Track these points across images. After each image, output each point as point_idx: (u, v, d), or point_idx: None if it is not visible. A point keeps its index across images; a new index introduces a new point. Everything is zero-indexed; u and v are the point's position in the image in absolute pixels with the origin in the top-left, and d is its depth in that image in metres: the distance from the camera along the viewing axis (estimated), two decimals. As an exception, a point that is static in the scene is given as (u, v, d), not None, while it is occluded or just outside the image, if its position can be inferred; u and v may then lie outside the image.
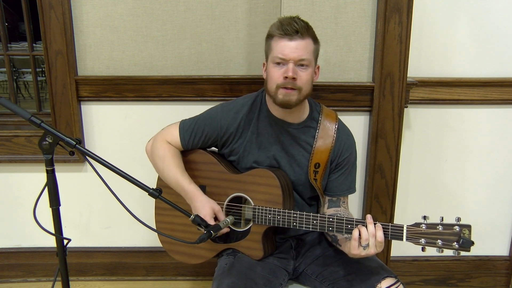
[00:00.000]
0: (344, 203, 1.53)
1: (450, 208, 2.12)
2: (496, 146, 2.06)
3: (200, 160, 1.55)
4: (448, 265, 2.20)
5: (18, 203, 2.15)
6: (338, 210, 1.50)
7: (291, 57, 1.33)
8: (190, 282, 2.24)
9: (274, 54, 1.36)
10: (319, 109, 1.52)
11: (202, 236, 1.25)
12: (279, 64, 1.35)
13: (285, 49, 1.33)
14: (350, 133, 1.54)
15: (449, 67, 1.96)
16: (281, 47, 1.34)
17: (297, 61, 1.34)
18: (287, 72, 1.33)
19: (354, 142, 1.54)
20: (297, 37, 1.33)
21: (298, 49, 1.33)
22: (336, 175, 1.50)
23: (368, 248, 1.23)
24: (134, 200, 1.72)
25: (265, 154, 1.49)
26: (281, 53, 1.34)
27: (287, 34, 1.33)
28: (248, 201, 1.45)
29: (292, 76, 1.33)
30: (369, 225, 1.23)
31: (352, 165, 1.53)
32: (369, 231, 1.22)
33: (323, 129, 1.48)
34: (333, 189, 1.51)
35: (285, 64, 1.34)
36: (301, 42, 1.33)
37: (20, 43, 5.96)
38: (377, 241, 1.22)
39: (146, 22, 1.89)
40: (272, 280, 1.41)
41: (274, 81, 1.37)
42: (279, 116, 1.47)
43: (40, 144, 1.20)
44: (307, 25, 1.36)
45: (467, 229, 1.15)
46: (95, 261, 2.22)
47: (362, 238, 1.23)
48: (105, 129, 2.04)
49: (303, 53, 1.34)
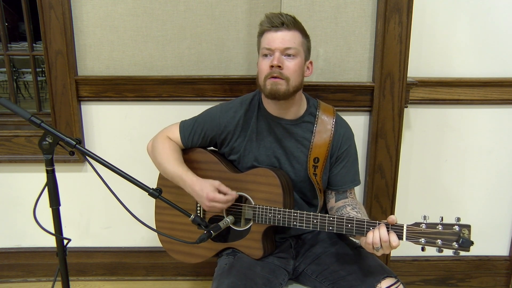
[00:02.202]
0: (351, 194, 1.53)
1: (450, 208, 2.12)
2: (496, 146, 2.06)
3: (201, 159, 1.55)
4: (448, 265, 2.20)
5: (18, 203, 2.15)
6: (346, 201, 1.49)
7: (276, 47, 1.35)
8: (190, 282, 2.24)
9: (261, 46, 1.40)
10: (317, 104, 1.52)
11: (202, 236, 1.25)
12: (266, 56, 1.38)
13: (271, 40, 1.36)
14: (348, 126, 1.54)
15: (449, 67, 1.96)
16: (267, 39, 1.38)
17: (283, 50, 1.35)
18: (272, 61, 1.35)
19: (353, 135, 1.54)
20: (283, 28, 1.36)
21: (284, 39, 1.35)
22: (338, 169, 1.50)
23: (381, 249, 1.22)
24: (134, 200, 1.71)
25: (265, 152, 1.49)
26: (267, 44, 1.37)
27: (273, 26, 1.36)
28: (249, 200, 1.46)
29: (277, 64, 1.34)
30: (381, 229, 1.21)
31: (353, 157, 1.53)
32: (382, 237, 1.20)
33: (321, 123, 1.48)
34: (337, 183, 1.51)
35: (272, 55, 1.36)
36: (287, 33, 1.36)
37: (20, 43, 5.96)
38: (392, 245, 1.20)
39: (146, 22, 1.89)
40: (272, 280, 1.41)
41: (262, 73, 1.39)
42: (275, 113, 1.47)
43: (40, 144, 1.20)
44: (294, 19, 1.39)
45: (467, 229, 1.15)
46: (95, 261, 2.22)
47: (375, 242, 1.21)
48: (105, 129, 2.04)
49: (289, 43, 1.35)
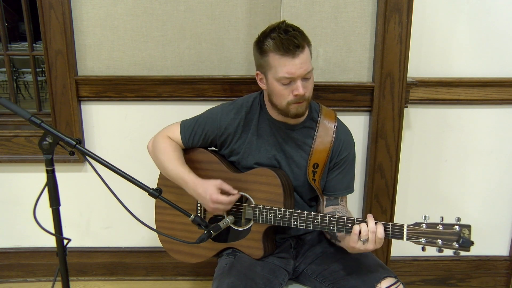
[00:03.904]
0: (343, 202, 1.53)
1: (450, 208, 2.12)
2: (496, 146, 2.06)
3: (201, 159, 1.55)
4: (448, 265, 2.20)
5: (18, 203, 2.15)
6: (336, 208, 1.50)
7: (298, 75, 1.31)
8: (190, 282, 2.24)
9: (279, 74, 1.32)
10: (318, 109, 1.52)
11: (202, 236, 1.25)
12: (286, 84, 1.33)
13: (291, 68, 1.30)
14: (349, 133, 1.54)
15: (449, 67, 1.96)
16: (285, 67, 1.30)
17: (303, 76, 1.33)
18: (297, 90, 1.32)
19: (353, 142, 1.54)
20: (299, 52, 1.30)
21: (302, 65, 1.31)
22: (334, 174, 1.50)
23: (367, 243, 1.23)
24: (134, 200, 1.71)
25: (265, 155, 1.49)
26: (288, 73, 1.31)
27: (289, 52, 1.29)
28: (249, 200, 1.46)
29: (303, 93, 1.33)
30: (369, 221, 1.24)
31: (350, 164, 1.53)
32: (370, 227, 1.23)
33: (322, 129, 1.48)
34: (331, 188, 1.51)
35: (293, 82, 1.33)
36: (303, 55, 1.31)
37: (20, 43, 5.98)
38: (377, 237, 1.22)
39: (146, 22, 1.89)
40: (272, 280, 1.41)
41: (283, 99, 1.36)
42: (278, 118, 1.47)
43: (40, 144, 1.20)
44: (302, 33, 1.34)
45: (467, 229, 1.16)
46: (95, 261, 2.22)
47: (362, 233, 1.23)
48: (105, 129, 2.04)
49: (307, 66, 1.33)
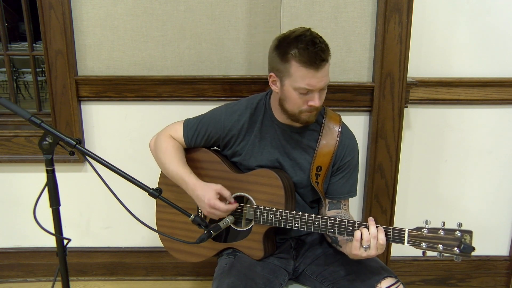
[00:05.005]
0: (345, 206, 1.53)
1: (450, 208, 2.12)
2: (496, 146, 2.06)
3: (203, 158, 1.55)
4: (448, 265, 2.20)
5: (18, 203, 2.15)
6: (339, 212, 1.50)
7: (318, 87, 1.31)
8: (190, 282, 2.24)
9: (298, 84, 1.30)
10: (323, 112, 1.51)
11: (202, 236, 1.25)
12: (304, 94, 1.32)
13: (312, 81, 1.29)
14: (353, 137, 1.53)
15: (449, 67, 1.96)
16: (307, 79, 1.29)
17: (322, 89, 1.33)
18: (314, 101, 1.32)
19: (357, 146, 1.54)
20: (323, 65, 1.29)
21: (324, 77, 1.30)
22: (337, 178, 1.50)
23: (369, 249, 1.22)
24: (134, 200, 1.71)
25: (268, 157, 1.49)
26: (308, 85, 1.29)
27: (314, 65, 1.27)
28: (250, 200, 1.46)
29: (319, 105, 1.33)
30: (371, 226, 1.23)
31: (354, 168, 1.52)
32: (371, 233, 1.22)
33: (326, 132, 1.47)
34: (334, 192, 1.51)
35: (310, 92, 1.32)
36: (325, 69, 1.30)
37: (20, 43, 5.98)
38: (379, 243, 1.21)
39: (146, 22, 1.89)
40: (272, 280, 1.41)
41: (297, 107, 1.35)
42: (283, 121, 1.46)
43: (40, 144, 1.20)
44: (327, 46, 1.31)
45: (469, 235, 1.15)
46: (95, 261, 2.22)
47: (364, 239, 1.22)
48: (105, 129, 2.04)
49: (327, 79, 1.32)
